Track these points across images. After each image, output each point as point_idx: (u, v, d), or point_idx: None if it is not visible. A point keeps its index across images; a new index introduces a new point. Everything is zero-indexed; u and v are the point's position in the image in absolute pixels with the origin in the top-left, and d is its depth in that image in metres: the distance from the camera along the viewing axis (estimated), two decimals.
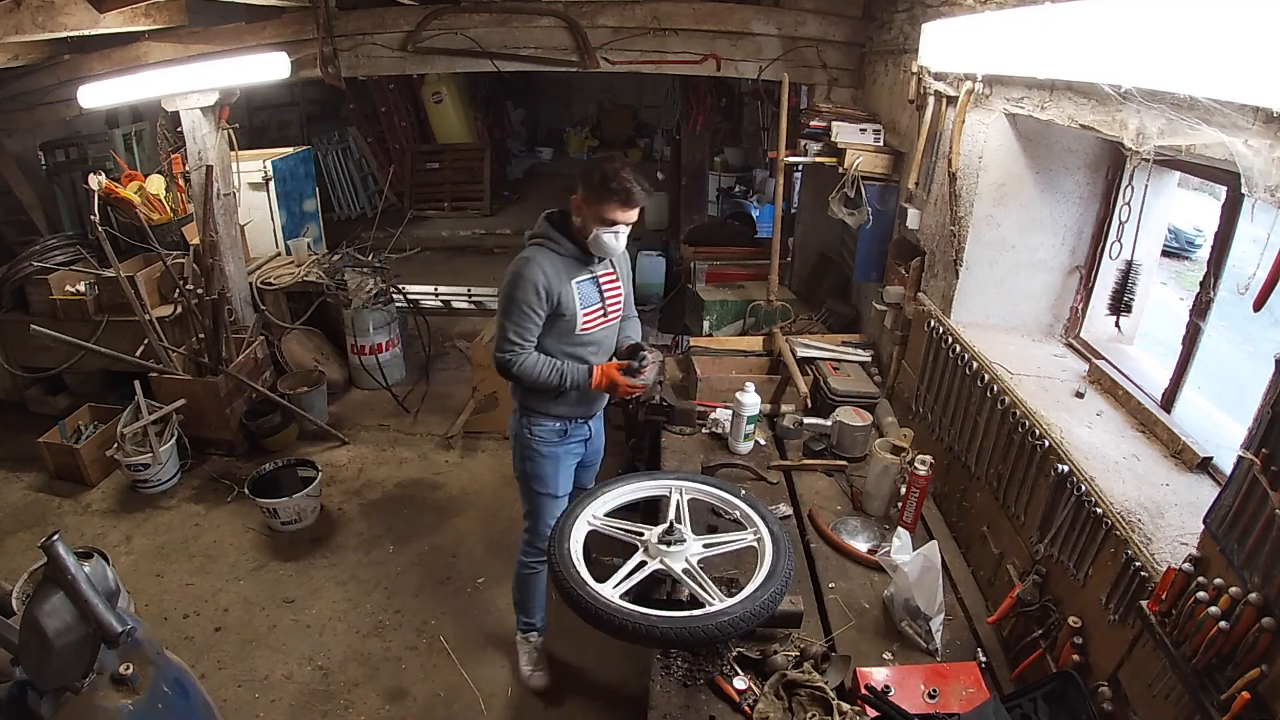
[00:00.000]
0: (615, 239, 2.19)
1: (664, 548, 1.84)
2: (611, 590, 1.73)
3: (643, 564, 1.84)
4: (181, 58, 3.91)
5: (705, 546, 1.90)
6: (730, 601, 1.69)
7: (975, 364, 2.28)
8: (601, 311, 2.33)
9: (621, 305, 2.43)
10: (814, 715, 1.57)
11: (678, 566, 1.82)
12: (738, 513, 2.02)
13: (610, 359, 2.42)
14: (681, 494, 2.05)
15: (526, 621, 2.76)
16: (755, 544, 1.90)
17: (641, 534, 1.92)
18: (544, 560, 2.54)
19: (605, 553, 2.08)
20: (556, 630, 2.79)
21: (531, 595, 2.71)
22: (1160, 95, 1.52)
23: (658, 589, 1.93)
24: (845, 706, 1.60)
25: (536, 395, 2.38)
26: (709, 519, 2.18)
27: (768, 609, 1.69)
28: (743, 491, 2.08)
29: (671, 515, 1.97)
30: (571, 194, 2.21)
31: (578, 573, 1.75)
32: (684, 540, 1.86)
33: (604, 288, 2.33)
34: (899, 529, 2.10)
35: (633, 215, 2.17)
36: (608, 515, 2.01)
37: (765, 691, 1.64)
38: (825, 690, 1.61)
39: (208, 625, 3.03)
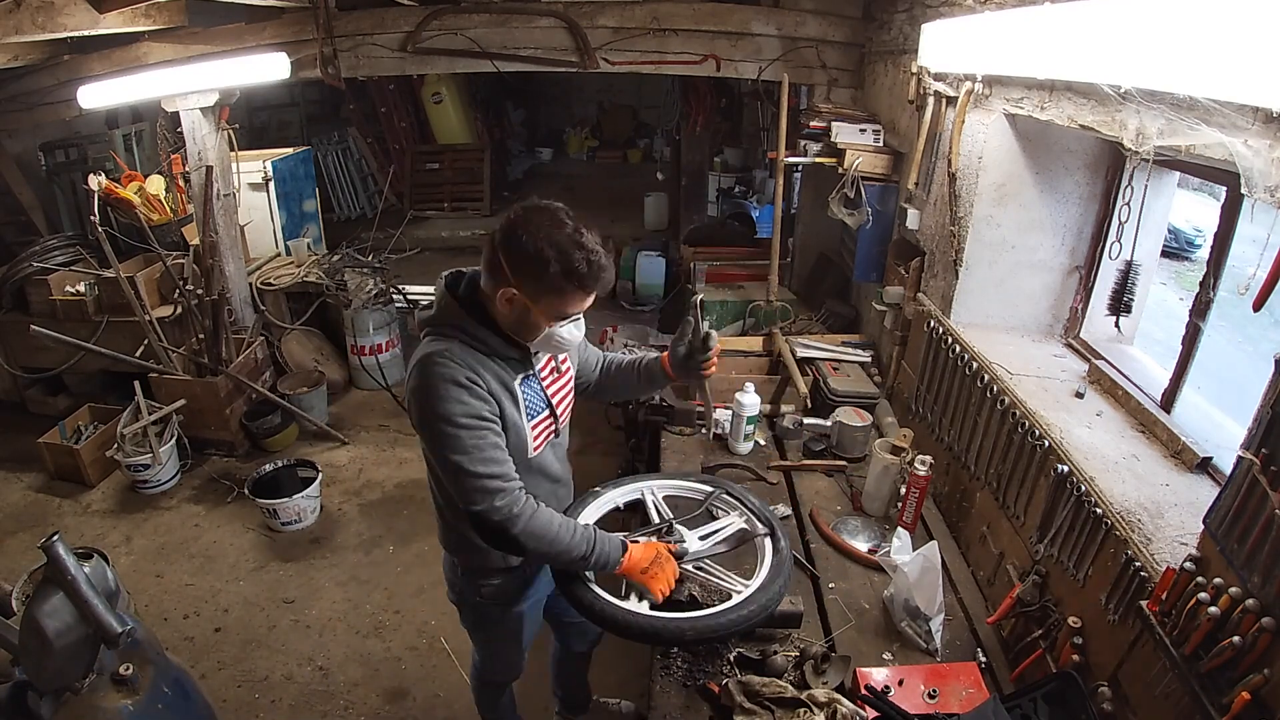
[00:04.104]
0: (576, 328, 1.57)
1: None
2: (637, 602, 1.67)
3: None
4: (181, 58, 3.92)
5: (702, 539, 1.85)
6: (754, 585, 1.67)
7: (975, 364, 2.27)
8: (550, 421, 1.67)
9: (571, 402, 1.78)
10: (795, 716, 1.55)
11: (689, 564, 1.78)
12: (706, 499, 1.98)
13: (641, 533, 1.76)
14: (655, 493, 1.99)
15: None
16: (746, 524, 1.89)
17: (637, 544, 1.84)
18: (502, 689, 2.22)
19: None
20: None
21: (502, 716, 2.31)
22: (1160, 95, 1.52)
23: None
24: (819, 696, 1.58)
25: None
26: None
27: (783, 589, 1.69)
28: (710, 479, 2.05)
29: (655, 516, 1.92)
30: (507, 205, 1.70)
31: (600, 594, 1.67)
32: (683, 538, 1.82)
33: (548, 386, 1.67)
34: (899, 529, 2.10)
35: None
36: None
37: (739, 703, 1.60)
38: (786, 689, 1.59)
39: (208, 626, 3.03)
